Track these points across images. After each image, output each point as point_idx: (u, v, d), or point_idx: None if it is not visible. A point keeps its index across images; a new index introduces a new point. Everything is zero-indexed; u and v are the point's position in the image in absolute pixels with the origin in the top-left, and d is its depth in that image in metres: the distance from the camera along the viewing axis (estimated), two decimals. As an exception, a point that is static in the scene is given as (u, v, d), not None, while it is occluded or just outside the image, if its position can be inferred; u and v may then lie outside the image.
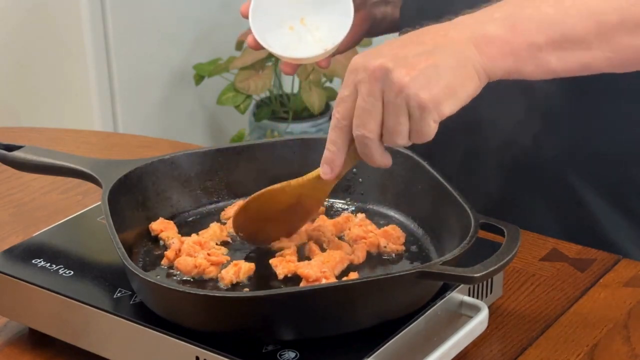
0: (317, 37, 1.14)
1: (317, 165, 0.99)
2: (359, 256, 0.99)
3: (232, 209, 1.07)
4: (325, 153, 0.94)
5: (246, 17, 1.12)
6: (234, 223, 1.02)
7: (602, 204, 1.18)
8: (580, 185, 1.18)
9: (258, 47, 1.12)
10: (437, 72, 0.87)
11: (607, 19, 0.92)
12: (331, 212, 1.08)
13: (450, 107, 0.89)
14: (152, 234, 1.03)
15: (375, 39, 1.35)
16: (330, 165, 0.94)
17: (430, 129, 0.88)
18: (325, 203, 1.10)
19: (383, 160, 0.92)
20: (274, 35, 1.13)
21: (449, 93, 0.88)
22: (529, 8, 0.92)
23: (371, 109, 0.89)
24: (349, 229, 1.03)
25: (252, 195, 1.01)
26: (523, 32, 0.91)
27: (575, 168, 1.18)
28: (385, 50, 0.90)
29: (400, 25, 1.29)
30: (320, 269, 0.94)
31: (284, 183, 1.00)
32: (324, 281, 0.93)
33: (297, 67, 1.16)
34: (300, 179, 0.99)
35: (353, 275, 0.95)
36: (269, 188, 1.00)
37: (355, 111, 0.89)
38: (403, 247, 1.01)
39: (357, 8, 1.14)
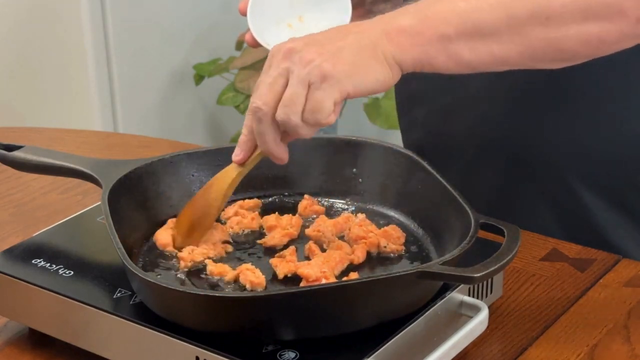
0: None
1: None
2: (359, 256, 0.99)
3: (232, 209, 1.07)
4: (240, 137, 0.96)
5: (244, 14, 1.12)
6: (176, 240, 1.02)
7: (601, 204, 1.18)
8: (578, 185, 1.18)
9: (256, 44, 1.13)
10: (344, 51, 0.90)
11: (518, 12, 0.92)
12: (331, 212, 1.08)
13: (356, 86, 0.90)
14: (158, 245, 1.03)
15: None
16: (241, 147, 0.97)
17: (327, 103, 0.89)
18: (325, 203, 1.10)
19: (277, 147, 0.92)
20: (272, 33, 1.13)
21: (354, 70, 0.90)
22: (444, 2, 0.93)
23: (272, 82, 0.91)
24: (349, 229, 1.03)
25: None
26: (434, 23, 0.92)
27: (573, 168, 1.17)
28: (300, 38, 0.93)
29: None
30: (320, 269, 0.94)
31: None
32: (323, 281, 0.93)
33: None
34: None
35: (353, 275, 0.95)
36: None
37: (263, 88, 0.91)
38: (403, 247, 1.01)
39: (355, 6, 1.14)
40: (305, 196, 1.08)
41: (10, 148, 1.10)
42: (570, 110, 1.16)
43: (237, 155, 0.97)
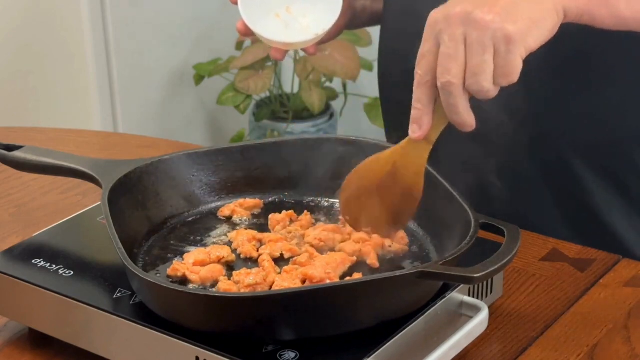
0: (305, 24, 1.17)
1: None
2: (374, 262, 0.98)
3: (229, 207, 1.07)
4: (413, 112, 0.92)
5: (236, 3, 1.15)
6: (341, 205, 1.01)
7: (605, 194, 1.18)
8: (583, 176, 1.18)
9: (248, 32, 1.14)
10: (518, 7, 0.89)
11: None
12: (332, 212, 1.08)
13: (535, 40, 0.90)
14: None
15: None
16: (417, 123, 0.92)
17: (517, 64, 0.89)
18: (326, 203, 1.10)
19: (468, 116, 0.91)
20: (262, 23, 1.16)
21: (532, 25, 0.89)
22: None
23: (454, 54, 0.88)
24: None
25: (350, 173, 1.00)
26: None
27: (578, 157, 1.18)
28: (461, 0, 0.90)
29: (383, 18, 1.30)
30: (325, 270, 0.94)
31: (377, 154, 0.98)
32: (327, 282, 0.93)
33: (286, 53, 1.19)
34: (393, 147, 0.97)
35: (357, 276, 0.95)
36: (363, 162, 0.99)
37: (438, 61, 0.89)
38: (407, 248, 1.01)
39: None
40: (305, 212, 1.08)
41: (10, 148, 1.10)
42: (568, 98, 1.16)
43: (415, 132, 0.93)
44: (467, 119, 0.91)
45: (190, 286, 0.95)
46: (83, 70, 2.63)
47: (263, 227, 1.05)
